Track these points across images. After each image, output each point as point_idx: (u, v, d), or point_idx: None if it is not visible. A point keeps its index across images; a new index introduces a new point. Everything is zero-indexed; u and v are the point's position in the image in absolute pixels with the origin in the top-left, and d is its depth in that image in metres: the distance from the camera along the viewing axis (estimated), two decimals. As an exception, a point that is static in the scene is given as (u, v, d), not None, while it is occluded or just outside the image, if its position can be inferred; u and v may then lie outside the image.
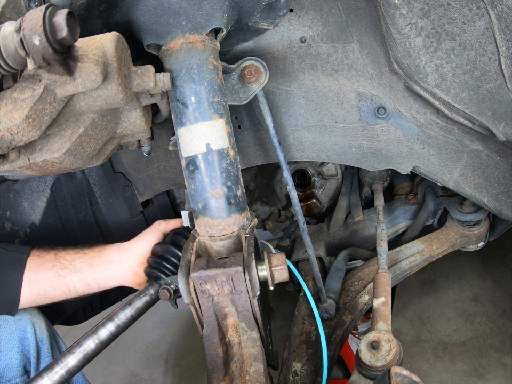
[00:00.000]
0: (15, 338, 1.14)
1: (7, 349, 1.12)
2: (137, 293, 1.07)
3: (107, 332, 1.02)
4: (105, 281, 1.12)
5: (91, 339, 1.00)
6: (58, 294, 1.13)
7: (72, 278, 1.11)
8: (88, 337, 1.01)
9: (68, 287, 1.12)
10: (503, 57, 0.92)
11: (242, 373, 0.84)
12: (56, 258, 1.13)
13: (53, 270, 1.11)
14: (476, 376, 1.79)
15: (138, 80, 0.81)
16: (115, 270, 1.11)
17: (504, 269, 2.20)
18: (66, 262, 1.13)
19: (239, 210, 0.93)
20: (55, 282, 1.11)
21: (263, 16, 0.96)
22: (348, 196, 1.78)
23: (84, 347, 1.00)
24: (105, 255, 1.13)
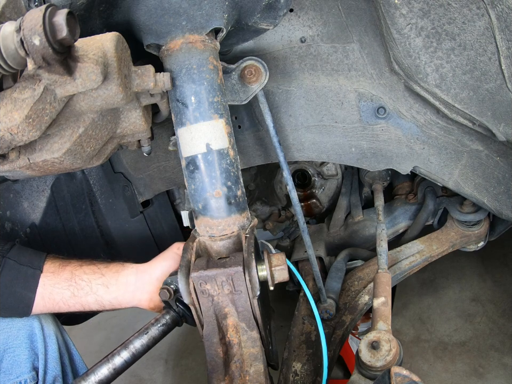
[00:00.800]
0: (23, 335, 1.13)
1: (15, 345, 1.12)
2: (154, 321, 1.07)
3: (122, 360, 1.03)
4: (120, 304, 1.12)
5: (105, 367, 1.02)
6: (72, 310, 1.13)
7: (88, 299, 1.11)
8: (103, 365, 1.02)
9: (82, 306, 1.12)
10: (503, 57, 0.92)
11: (242, 373, 0.84)
12: (72, 278, 1.11)
13: (68, 290, 1.10)
14: (475, 376, 1.79)
15: (138, 80, 0.81)
16: (131, 295, 1.11)
17: (504, 269, 2.20)
18: (83, 283, 1.11)
19: (239, 210, 0.93)
20: (70, 302, 1.11)
21: (263, 16, 0.96)
22: (348, 196, 1.77)
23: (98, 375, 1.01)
24: (122, 277, 1.12)
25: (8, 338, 1.12)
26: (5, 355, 1.11)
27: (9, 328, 1.13)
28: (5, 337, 1.12)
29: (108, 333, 2.60)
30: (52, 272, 1.12)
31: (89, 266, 1.15)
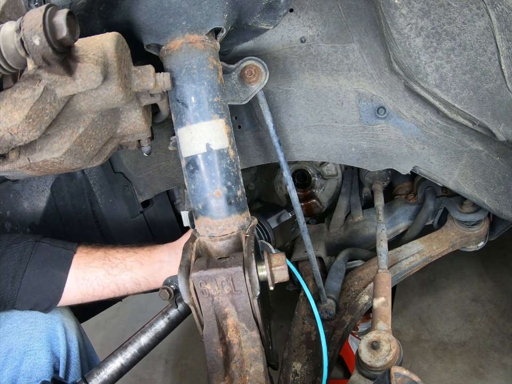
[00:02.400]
0: (45, 337, 1.11)
1: (36, 348, 1.09)
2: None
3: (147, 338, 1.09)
4: (155, 280, 1.11)
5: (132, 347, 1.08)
6: (107, 293, 1.12)
7: (123, 277, 1.10)
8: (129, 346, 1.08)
9: (117, 286, 1.11)
10: (503, 57, 0.92)
11: (242, 373, 0.84)
12: (105, 256, 1.11)
13: (102, 268, 1.09)
14: (475, 376, 1.79)
15: (138, 80, 0.81)
16: (166, 270, 1.10)
17: (504, 269, 2.20)
18: (117, 261, 1.11)
19: (239, 210, 0.93)
20: (104, 281, 1.09)
21: (263, 16, 0.96)
22: (348, 196, 1.78)
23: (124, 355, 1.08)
24: (156, 254, 1.12)
25: (30, 340, 1.09)
26: (24, 357, 1.08)
27: (31, 330, 1.10)
28: (26, 339, 1.09)
29: (108, 333, 2.60)
30: (86, 252, 1.11)
31: (122, 247, 1.16)
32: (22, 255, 1.06)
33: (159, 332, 1.10)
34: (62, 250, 1.10)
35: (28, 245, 1.07)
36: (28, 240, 1.09)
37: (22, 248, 1.07)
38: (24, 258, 1.05)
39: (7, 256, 1.05)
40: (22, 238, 1.09)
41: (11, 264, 1.04)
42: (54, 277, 1.07)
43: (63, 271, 1.08)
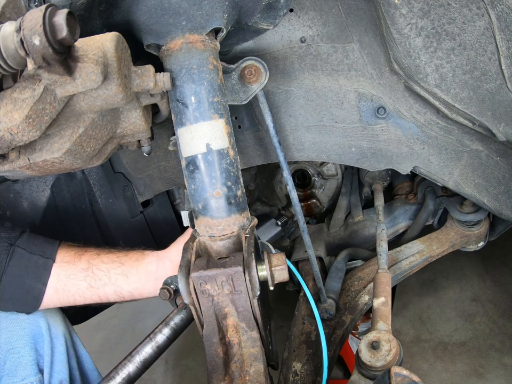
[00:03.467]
0: (28, 334, 1.05)
1: (19, 345, 1.04)
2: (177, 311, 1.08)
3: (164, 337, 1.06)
4: (140, 294, 1.07)
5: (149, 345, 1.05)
6: (88, 302, 1.07)
7: (106, 290, 1.05)
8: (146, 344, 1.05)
9: (99, 298, 1.06)
10: (503, 57, 0.92)
11: (242, 373, 0.84)
12: (89, 267, 1.04)
13: (85, 281, 1.04)
14: (475, 376, 1.79)
15: (138, 80, 0.81)
16: (153, 284, 1.06)
17: (504, 269, 2.20)
18: (101, 273, 1.05)
19: (239, 210, 0.93)
20: (86, 293, 1.05)
21: (263, 16, 0.96)
22: (348, 196, 1.77)
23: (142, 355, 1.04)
24: (143, 266, 1.06)
25: (12, 337, 1.04)
26: (8, 356, 1.03)
27: (13, 327, 1.05)
28: (9, 336, 1.04)
29: (108, 333, 2.60)
30: (67, 262, 1.04)
31: (108, 255, 1.08)
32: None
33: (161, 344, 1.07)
34: (40, 259, 1.02)
35: (2, 251, 0.99)
36: (2, 243, 1.00)
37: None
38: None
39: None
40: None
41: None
42: (31, 289, 1.01)
43: (41, 283, 1.01)
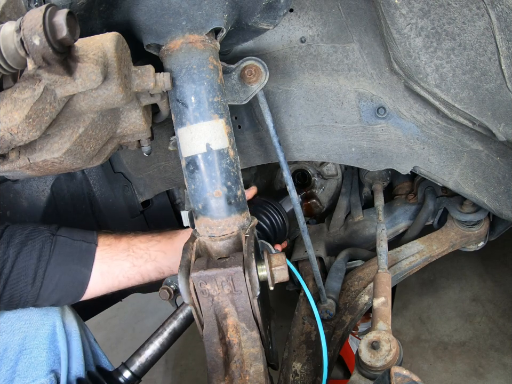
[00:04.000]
0: (42, 335, 1.06)
1: (32, 346, 1.05)
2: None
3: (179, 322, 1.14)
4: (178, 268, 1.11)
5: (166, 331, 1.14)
6: (131, 283, 1.10)
7: (147, 267, 1.08)
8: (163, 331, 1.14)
9: (142, 276, 1.10)
10: (503, 57, 0.92)
11: (242, 373, 0.84)
12: (129, 247, 1.09)
13: (127, 260, 1.07)
14: (475, 376, 1.79)
15: (138, 80, 0.81)
16: None
17: (504, 269, 2.20)
18: (141, 251, 1.09)
19: (239, 210, 0.93)
20: (129, 273, 1.08)
21: (263, 16, 0.96)
22: (348, 196, 1.77)
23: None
24: (177, 242, 1.11)
25: (25, 338, 1.05)
26: (20, 357, 1.04)
27: (26, 328, 1.05)
28: (21, 338, 1.05)
29: (108, 333, 2.60)
30: (108, 244, 1.08)
31: (144, 235, 1.13)
32: (41, 253, 1.00)
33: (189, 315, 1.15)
34: (83, 244, 1.05)
35: (45, 242, 1.01)
36: (44, 234, 1.02)
37: (39, 246, 1.00)
38: (43, 256, 1.00)
39: (23, 255, 0.99)
40: (37, 232, 1.02)
41: (29, 264, 0.99)
42: (77, 274, 1.03)
43: (87, 268, 1.04)
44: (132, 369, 1.10)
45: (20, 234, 1.01)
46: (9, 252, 0.98)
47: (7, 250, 0.97)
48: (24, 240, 1.00)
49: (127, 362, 1.12)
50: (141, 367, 1.10)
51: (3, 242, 0.98)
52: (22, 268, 0.98)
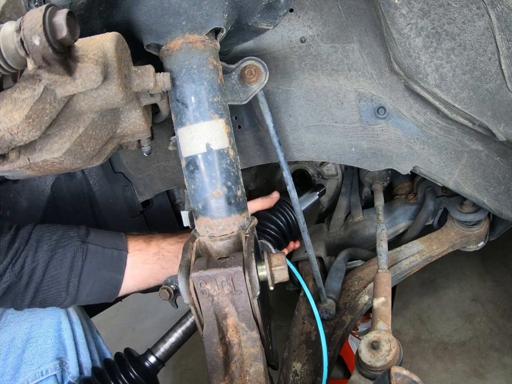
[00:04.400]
0: (47, 323, 1.11)
1: (38, 334, 1.10)
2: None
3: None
4: None
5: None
6: (160, 283, 1.12)
7: (175, 269, 1.07)
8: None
9: None
10: (503, 57, 0.92)
11: (242, 373, 0.84)
12: (159, 251, 1.13)
13: (157, 263, 1.11)
14: (476, 376, 1.79)
15: (138, 80, 0.81)
16: None
17: (504, 269, 2.20)
18: (170, 255, 1.13)
19: (239, 210, 0.93)
20: (158, 275, 1.12)
21: (263, 16, 0.96)
22: (348, 196, 1.77)
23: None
24: None
25: (31, 327, 1.10)
26: (27, 345, 1.09)
27: (32, 318, 1.11)
28: (28, 327, 1.10)
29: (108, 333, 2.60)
30: (139, 249, 1.11)
31: (171, 238, 1.16)
32: (73, 263, 1.02)
33: None
34: (114, 251, 1.08)
35: (77, 251, 1.03)
36: (74, 242, 1.04)
37: (71, 255, 1.02)
38: (75, 266, 1.02)
39: (54, 264, 1.01)
40: (67, 239, 1.04)
41: (61, 272, 1.01)
42: (110, 280, 1.07)
43: (119, 273, 1.08)
44: (156, 354, 1.17)
45: (49, 239, 1.02)
46: (39, 258, 0.99)
47: (36, 257, 0.99)
48: (54, 247, 1.02)
49: (152, 349, 1.18)
50: (165, 353, 1.17)
51: (31, 247, 1.00)
52: (54, 275, 1.01)
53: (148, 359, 1.17)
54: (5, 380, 1.06)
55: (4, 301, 0.99)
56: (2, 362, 1.07)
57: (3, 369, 1.07)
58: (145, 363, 1.16)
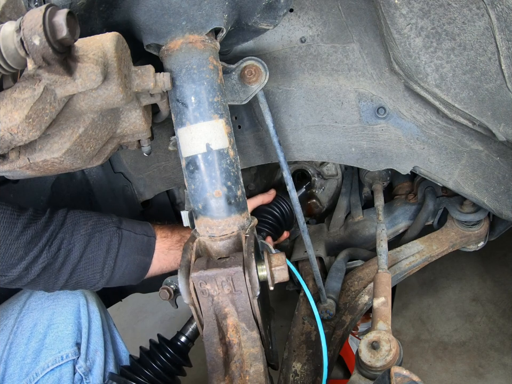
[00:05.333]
0: (68, 311, 1.18)
1: (59, 321, 1.17)
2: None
3: None
4: None
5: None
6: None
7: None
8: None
9: None
10: (503, 57, 0.92)
11: (242, 373, 0.84)
12: (181, 239, 1.22)
13: (180, 250, 1.19)
14: (476, 376, 1.79)
15: (138, 80, 0.81)
16: None
17: (504, 269, 2.20)
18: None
19: (239, 210, 0.93)
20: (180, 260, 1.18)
21: (263, 16, 0.96)
22: (348, 196, 1.77)
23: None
24: None
25: (53, 315, 1.17)
26: (48, 331, 1.15)
27: (54, 305, 1.18)
28: (50, 314, 1.17)
29: (108, 333, 2.60)
30: (165, 236, 1.22)
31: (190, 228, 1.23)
32: (109, 247, 1.11)
33: None
34: (145, 237, 1.18)
35: (113, 235, 1.12)
36: (110, 228, 1.13)
37: (108, 239, 1.11)
38: (112, 249, 1.11)
39: (92, 246, 1.09)
40: (102, 225, 1.13)
41: (99, 254, 1.09)
42: (141, 262, 1.17)
43: (149, 257, 1.18)
44: (186, 334, 1.24)
45: (85, 224, 1.10)
46: (75, 241, 1.06)
47: (73, 240, 1.06)
48: (91, 232, 1.10)
49: (182, 330, 1.25)
50: (193, 332, 1.24)
51: (67, 230, 1.07)
52: (91, 258, 1.08)
53: (180, 340, 1.24)
54: (26, 363, 1.13)
55: (37, 282, 1.03)
56: (24, 347, 1.14)
57: (25, 353, 1.13)
58: (177, 343, 1.24)
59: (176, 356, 1.21)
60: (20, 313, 1.18)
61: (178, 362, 1.23)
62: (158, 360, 1.20)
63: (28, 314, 1.17)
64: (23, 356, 1.13)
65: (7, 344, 1.14)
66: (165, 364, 1.20)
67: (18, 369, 1.12)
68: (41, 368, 1.12)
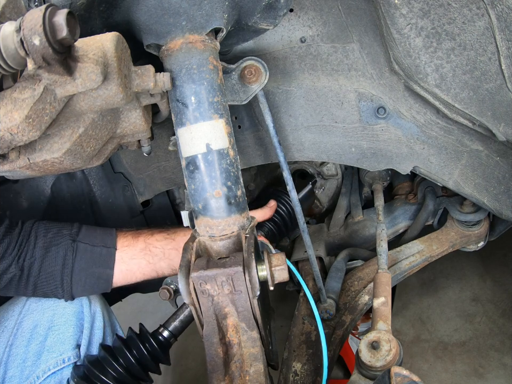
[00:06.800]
0: (69, 312, 1.16)
1: (60, 323, 1.15)
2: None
3: None
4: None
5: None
6: (147, 278, 1.20)
7: (161, 265, 1.17)
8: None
9: (157, 273, 1.19)
10: (503, 57, 0.92)
11: (242, 373, 0.84)
12: (146, 247, 1.18)
13: (144, 258, 1.17)
14: (476, 376, 1.79)
15: (138, 80, 0.81)
16: None
17: (504, 269, 2.20)
18: (157, 250, 1.18)
19: (239, 210, 0.93)
20: (145, 269, 1.17)
21: (263, 16, 0.96)
22: (348, 196, 1.77)
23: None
24: None
25: (54, 316, 1.15)
26: (49, 333, 1.14)
27: (55, 306, 1.16)
28: (51, 315, 1.15)
29: (108, 333, 2.60)
30: (127, 245, 1.18)
31: (160, 234, 1.21)
32: (65, 261, 1.09)
33: None
34: (103, 249, 1.14)
35: (67, 249, 1.10)
36: (66, 240, 1.11)
37: (63, 253, 1.10)
38: (67, 264, 1.10)
39: (48, 261, 1.08)
40: (59, 238, 1.11)
41: (56, 270, 1.09)
42: (101, 275, 1.14)
43: (109, 269, 1.14)
44: (169, 328, 1.20)
45: (44, 236, 1.10)
46: (35, 254, 1.07)
47: (34, 253, 1.07)
48: (48, 245, 1.09)
49: (165, 324, 1.21)
50: (177, 327, 1.20)
51: (30, 243, 1.08)
52: (50, 272, 1.09)
53: (162, 334, 1.20)
54: (27, 366, 1.11)
55: (8, 290, 1.07)
56: (24, 349, 1.12)
57: (25, 355, 1.11)
58: (159, 337, 1.19)
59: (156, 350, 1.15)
60: (20, 314, 1.17)
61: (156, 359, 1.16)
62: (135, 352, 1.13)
63: (28, 316, 1.16)
64: (23, 358, 1.11)
65: (7, 346, 1.13)
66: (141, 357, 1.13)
67: (18, 371, 1.11)
68: (42, 371, 1.11)
